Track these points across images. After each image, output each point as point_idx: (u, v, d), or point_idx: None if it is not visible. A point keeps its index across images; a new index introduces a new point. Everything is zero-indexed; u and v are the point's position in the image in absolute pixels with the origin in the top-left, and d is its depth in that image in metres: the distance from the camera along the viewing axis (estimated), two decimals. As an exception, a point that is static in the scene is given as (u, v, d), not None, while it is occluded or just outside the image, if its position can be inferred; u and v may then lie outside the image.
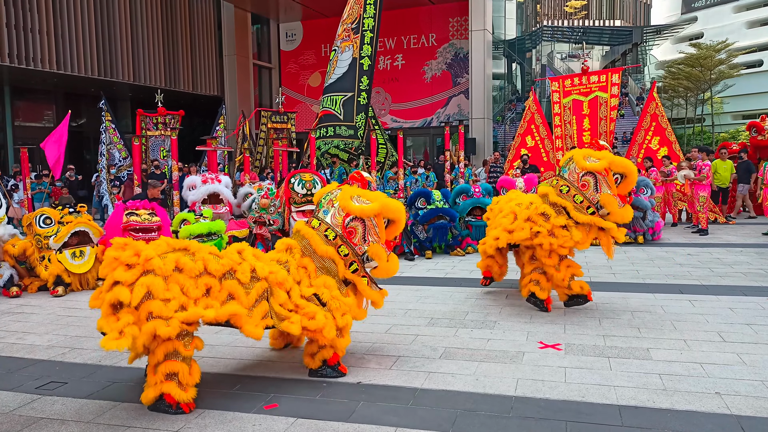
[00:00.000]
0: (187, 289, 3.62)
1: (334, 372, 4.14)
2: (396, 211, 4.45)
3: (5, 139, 19.72)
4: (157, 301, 3.49)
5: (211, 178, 9.72)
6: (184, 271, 3.67)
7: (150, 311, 3.47)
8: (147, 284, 3.51)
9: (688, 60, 39.58)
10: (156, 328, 3.43)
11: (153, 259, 3.62)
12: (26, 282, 7.58)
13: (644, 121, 13.76)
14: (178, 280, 3.62)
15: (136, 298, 3.47)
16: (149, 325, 3.44)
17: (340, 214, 4.29)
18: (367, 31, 12.59)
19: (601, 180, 5.55)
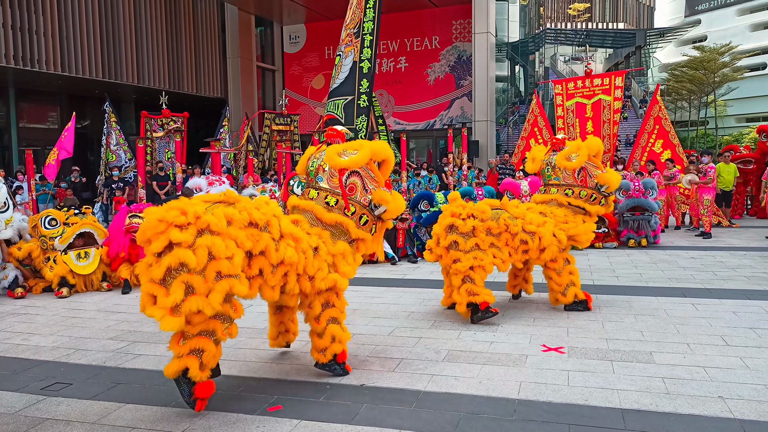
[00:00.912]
0: (241, 241, 3.51)
1: (340, 369, 4.17)
2: (383, 150, 4.38)
3: (10, 140, 19.78)
4: (223, 260, 3.36)
5: (216, 181, 9.76)
6: (233, 223, 3.54)
7: (218, 271, 3.34)
8: (207, 244, 3.33)
9: (691, 63, 39.51)
10: (232, 286, 3.36)
11: (204, 215, 3.42)
12: (31, 283, 7.62)
13: (647, 124, 13.75)
14: (231, 234, 3.48)
15: (201, 260, 3.30)
16: (223, 284, 3.34)
17: (334, 174, 4.21)
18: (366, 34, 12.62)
19: (591, 168, 5.90)
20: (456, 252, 5.44)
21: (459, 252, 5.42)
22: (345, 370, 4.19)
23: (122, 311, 6.46)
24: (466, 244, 5.41)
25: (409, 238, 9.54)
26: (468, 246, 5.40)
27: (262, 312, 6.15)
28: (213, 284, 3.34)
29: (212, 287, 3.34)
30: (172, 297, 3.26)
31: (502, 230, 5.51)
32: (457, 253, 5.43)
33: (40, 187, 13.47)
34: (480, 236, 5.44)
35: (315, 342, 4.16)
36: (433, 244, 5.72)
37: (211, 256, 3.36)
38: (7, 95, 19.69)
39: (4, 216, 7.36)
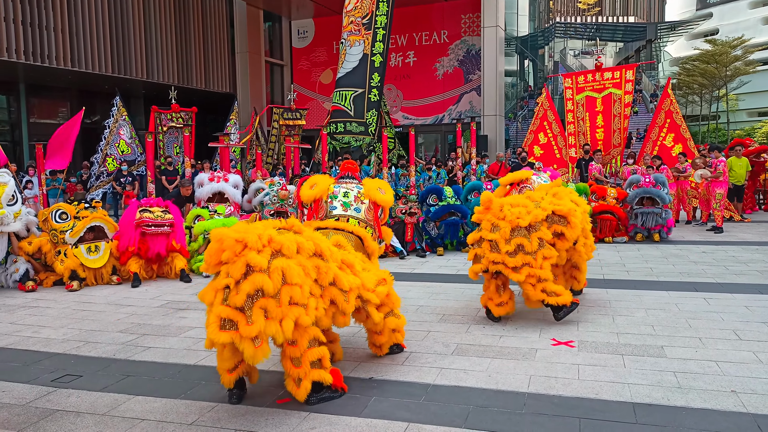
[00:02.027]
0: (308, 270, 3.47)
1: (398, 349, 4.48)
2: (388, 202, 4.91)
3: (20, 135, 19.92)
4: (295, 286, 3.32)
5: (218, 177, 9.76)
6: (301, 251, 3.50)
7: (291, 296, 3.30)
8: (281, 267, 3.30)
9: (703, 56, 39.15)
10: (299, 316, 3.31)
11: (277, 238, 3.40)
12: (42, 276, 7.67)
13: (658, 118, 13.62)
14: (300, 262, 3.45)
15: (276, 284, 3.26)
16: (295, 311, 3.29)
17: (371, 209, 4.70)
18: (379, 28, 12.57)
19: None
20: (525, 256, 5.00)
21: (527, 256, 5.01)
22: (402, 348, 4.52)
23: (132, 304, 6.48)
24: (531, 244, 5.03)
25: (418, 232, 9.51)
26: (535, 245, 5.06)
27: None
28: (287, 310, 3.29)
29: (286, 313, 3.28)
30: (255, 326, 3.19)
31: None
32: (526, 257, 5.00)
33: (50, 182, 13.55)
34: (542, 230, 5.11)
35: (373, 337, 4.35)
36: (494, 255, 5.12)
37: (284, 280, 3.33)
38: (17, 90, 19.82)
39: (12, 209, 7.40)
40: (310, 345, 3.44)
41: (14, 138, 19.99)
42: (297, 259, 3.43)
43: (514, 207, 5.15)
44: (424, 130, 26.16)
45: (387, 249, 9.17)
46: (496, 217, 5.11)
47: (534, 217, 5.07)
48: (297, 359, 3.42)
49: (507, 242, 4.99)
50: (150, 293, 7.06)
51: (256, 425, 3.34)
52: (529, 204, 5.22)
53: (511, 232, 5.01)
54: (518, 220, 5.02)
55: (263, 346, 3.23)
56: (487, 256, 5.07)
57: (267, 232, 3.43)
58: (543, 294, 4.97)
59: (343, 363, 4.30)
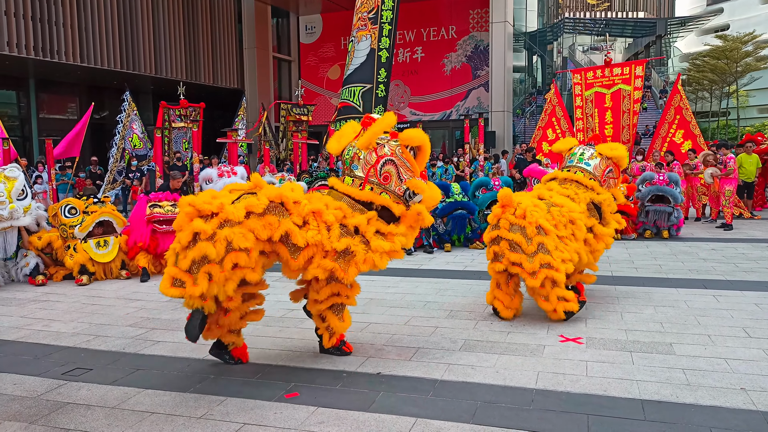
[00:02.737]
0: (258, 231, 3.75)
1: (338, 351, 4.38)
2: (417, 137, 4.28)
3: (30, 131, 20.07)
4: (240, 253, 3.65)
5: (227, 171, 9.77)
6: (253, 212, 3.78)
7: (235, 262, 3.65)
8: (226, 236, 3.62)
9: (713, 52, 38.83)
10: (246, 274, 3.71)
11: (226, 208, 3.71)
12: (51, 270, 7.72)
13: (668, 114, 13.54)
14: (250, 225, 3.73)
15: (219, 252, 3.59)
16: (239, 273, 3.68)
17: (369, 162, 4.20)
18: (385, 23, 12.55)
19: (611, 178, 5.85)
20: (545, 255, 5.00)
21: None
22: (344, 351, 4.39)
23: (141, 299, 6.52)
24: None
25: (425, 228, 9.50)
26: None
27: (279, 300, 6.17)
28: (230, 273, 3.66)
29: (230, 277, 3.67)
30: (199, 288, 3.61)
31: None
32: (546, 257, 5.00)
33: (59, 177, 13.63)
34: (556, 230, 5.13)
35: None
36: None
37: (230, 247, 3.65)
38: (27, 86, 19.96)
39: (22, 203, 7.45)
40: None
41: (24, 133, 20.14)
42: (247, 224, 3.72)
43: (537, 207, 5.12)
44: (431, 126, 26.12)
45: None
46: (517, 216, 5.06)
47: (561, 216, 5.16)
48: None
49: (529, 242, 4.97)
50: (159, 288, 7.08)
51: (264, 419, 3.36)
52: (544, 206, 5.22)
53: (533, 232, 5.00)
54: (540, 220, 5.01)
55: (209, 302, 3.69)
56: (507, 256, 5.04)
57: (218, 201, 3.73)
58: (556, 306, 4.99)
59: (351, 359, 4.31)
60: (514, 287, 5.28)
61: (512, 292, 5.26)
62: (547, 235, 5.01)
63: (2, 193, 7.22)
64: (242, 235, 3.66)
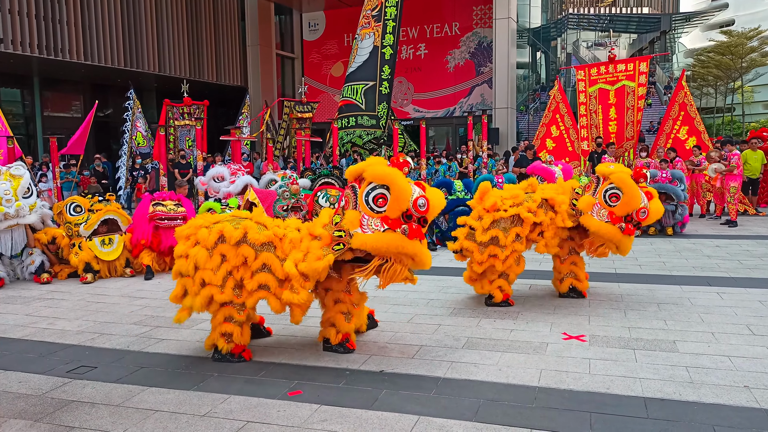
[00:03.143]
0: (229, 257, 4.10)
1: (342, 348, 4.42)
2: (382, 175, 3.94)
3: (35, 129, 20.12)
4: (206, 270, 4.08)
5: (239, 170, 9.79)
6: (229, 239, 4.10)
7: (202, 278, 4.09)
8: (194, 255, 4.10)
9: (718, 48, 38.65)
10: (213, 294, 4.09)
11: (198, 233, 4.18)
12: (56, 269, 7.76)
13: (672, 111, 13.46)
14: (221, 250, 4.10)
15: (189, 268, 4.10)
16: (207, 291, 4.09)
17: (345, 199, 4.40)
18: (389, 20, 12.53)
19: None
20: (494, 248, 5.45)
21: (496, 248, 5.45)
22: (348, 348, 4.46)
23: (145, 297, 6.55)
24: (507, 238, 5.42)
25: (428, 225, 9.50)
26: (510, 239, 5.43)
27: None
28: (198, 288, 4.12)
29: (198, 292, 4.12)
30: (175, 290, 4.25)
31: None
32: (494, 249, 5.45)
33: (64, 175, 13.68)
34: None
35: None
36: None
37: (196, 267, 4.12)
38: (31, 84, 20.01)
39: (28, 201, 7.48)
40: (225, 320, 4.18)
41: (28, 131, 20.19)
42: (220, 248, 4.10)
43: (506, 199, 5.52)
44: (435, 123, 26.09)
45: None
46: (485, 207, 5.53)
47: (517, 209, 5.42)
48: (213, 328, 4.27)
49: (484, 232, 5.44)
50: (163, 286, 7.12)
51: (267, 417, 3.38)
52: (521, 195, 5.56)
53: (491, 224, 5.43)
54: (500, 212, 5.43)
55: (183, 313, 4.23)
56: (459, 241, 5.60)
57: (194, 224, 4.26)
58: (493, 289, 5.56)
59: (354, 357, 4.32)
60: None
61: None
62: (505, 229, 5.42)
63: (8, 190, 7.25)
64: (208, 256, 4.10)
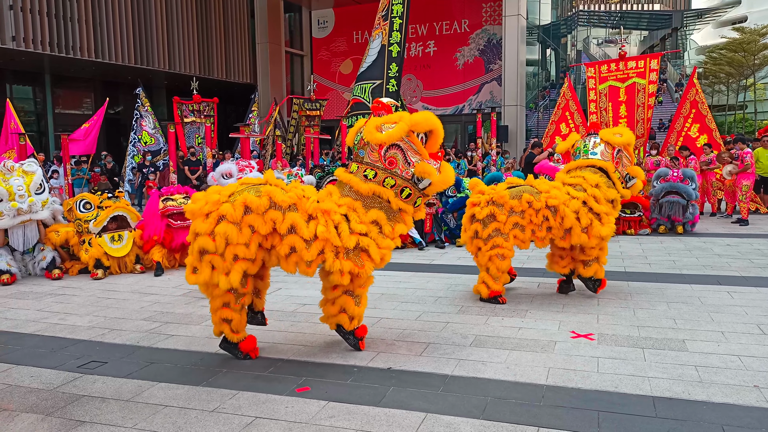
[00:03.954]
0: (258, 227, 3.94)
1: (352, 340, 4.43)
2: (425, 121, 4.29)
3: (46, 126, 20.29)
4: (239, 246, 3.91)
5: (247, 166, 9.83)
6: (254, 209, 3.95)
7: (234, 254, 3.92)
8: (224, 232, 3.89)
9: (730, 45, 38.30)
10: (248, 268, 3.97)
11: (221, 207, 3.95)
12: (67, 265, 7.83)
13: (683, 108, 13.37)
14: (249, 221, 3.94)
15: (219, 245, 3.90)
16: (242, 265, 3.94)
17: (374, 149, 4.22)
18: (396, 17, 12.51)
19: (625, 157, 6.03)
20: (477, 241, 5.71)
21: (479, 240, 5.69)
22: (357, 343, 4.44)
23: (155, 293, 6.60)
24: (484, 232, 5.61)
25: (437, 223, 9.50)
26: (486, 233, 5.61)
27: (290, 295, 6.22)
28: (231, 264, 3.93)
29: (231, 267, 3.94)
30: (202, 275, 4.00)
31: (525, 207, 5.54)
32: (478, 242, 5.70)
33: (75, 172, 13.79)
34: (501, 219, 5.57)
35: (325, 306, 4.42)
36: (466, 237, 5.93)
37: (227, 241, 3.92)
38: (43, 81, 20.17)
39: (40, 198, 7.56)
40: (223, 305, 4.08)
41: (40, 128, 20.36)
42: (247, 219, 3.94)
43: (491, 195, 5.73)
44: (443, 120, 25.57)
45: (406, 240, 9.18)
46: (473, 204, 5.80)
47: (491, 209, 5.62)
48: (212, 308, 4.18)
49: (467, 229, 5.80)
50: (173, 282, 7.17)
51: (275, 413, 3.39)
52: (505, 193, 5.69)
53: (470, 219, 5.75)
54: (478, 209, 5.65)
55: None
56: (462, 237, 5.90)
57: (214, 198, 4.02)
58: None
59: (361, 354, 4.33)
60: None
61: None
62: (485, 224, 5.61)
63: (21, 186, 7.33)
64: (238, 231, 3.91)
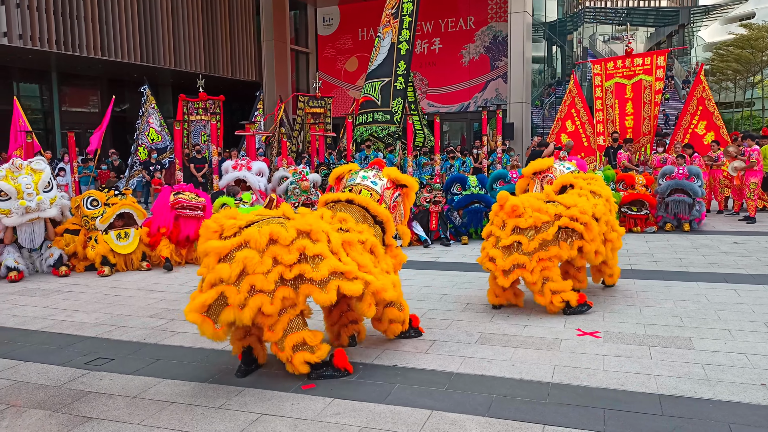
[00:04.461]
0: (283, 258, 3.58)
1: (415, 333, 4.61)
2: (409, 181, 4.74)
3: (53, 123, 20.36)
4: (257, 275, 3.50)
5: (241, 165, 9.83)
6: (279, 240, 3.62)
7: (252, 284, 3.50)
8: (243, 258, 3.50)
9: (738, 41, 38.00)
10: (262, 305, 3.50)
11: (246, 231, 3.61)
12: (74, 262, 7.87)
13: (690, 105, 13.30)
14: (273, 251, 3.58)
15: (234, 273, 3.48)
16: (257, 300, 3.49)
17: (387, 187, 4.55)
18: (405, 15, 12.49)
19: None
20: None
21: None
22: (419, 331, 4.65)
23: (161, 290, 6.62)
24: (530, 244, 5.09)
25: (442, 221, 9.50)
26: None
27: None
28: (246, 297, 3.49)
29: (246, 301, 3.49)
30: (203, 295, 3.52)
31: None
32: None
33: (82, 169, 13.84)
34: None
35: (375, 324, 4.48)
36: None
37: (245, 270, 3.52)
38: (50, 80, 20.24)
39: (48, 195, 7.61)
40: (288, 331, 3.63)
41: (47, 126, 20.44)
42: (271, 250, 3.57)
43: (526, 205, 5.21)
44: (449, 117, 25.99)
45: (411, 237, 9.18)
46: (508, 214, 5.18)
47: (536, 220, 5.08)
48: (279, 343, 3.64)
49: (506, 238, 5.14)
50: (179, 279, 7.19)
51: (281, 410, 3.41)
52: (543, 206, 5.22)
53: (512, 231, 5.12)
54: (519, 220, 5.10)
55: (223, 328, 3.54)
56: (486, 250, 5.22)
57: (238, 223, 3.67)
58: (552, 299, 5.06)
59: (367, 351, 4.34)
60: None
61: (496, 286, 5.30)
62: (530, 235, 5.04)
63: (29, 184, 7.39)
64: (260, 260, 3.54)
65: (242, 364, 3.94)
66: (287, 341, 3.62)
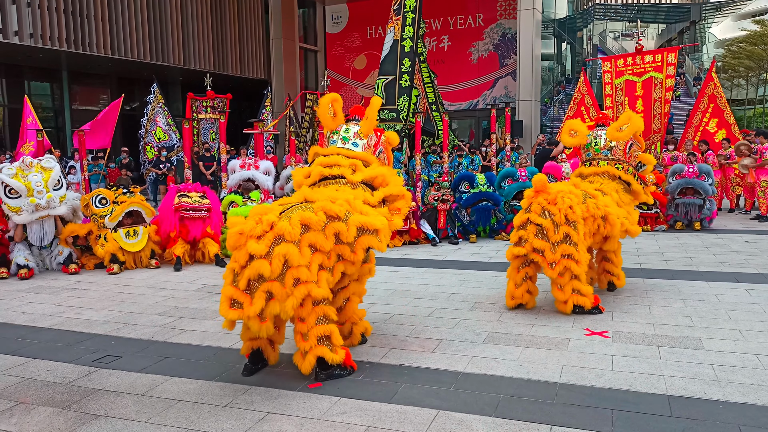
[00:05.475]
0: (322, 245, 3.66)
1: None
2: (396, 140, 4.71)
3: (64, 122, 20.50)
4: (300, 268, 3.53)
5: (249, 164, 9.85)
6: (311, 226, 3.65)
7: (296, 277, 3.53)
8: (283, 253, 3.50)
9: (750, 38, 37.64)
10: (310, 290, 3.56)
11: (278, 225, 3.58)
12: (84, 260, 7.92)
13: (701, 103, 13.18)
14: (309, 239, 3.63)
15: (276, 269, 3.49)
16: (302, 290, 3.53)
17: (370, 144, 4.50)
18: (408, 12, 12.42)
19: (635, 146, 5.87)
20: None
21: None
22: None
23: (170, 288, 6.65)
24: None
25: (450, 219, 9.47)
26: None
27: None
28: (291, 290, 3.53)
29: (292, 293, 3.53)
30: (256, 306, 3.48)
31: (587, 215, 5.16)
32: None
33: (92, 168, 13.92)
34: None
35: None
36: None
37: (287, 264, 3.53)
38: (60, 78, 20.37)
39: (58, 193, 7.65)
40: (318, 322, 3.69)
41: (57, 124, 20.58)
42: (306, 239, 3.61)
43: (569, 195, 5.07)
44: (458, 115, 25.90)
45: (419, 235, 9.16)
46: (549, 202, 5.03)
47: (585, 209, 5.06)
48: (305, 334, 3.69)
49: (556, 231, 4.96)
50: (187, 277, 7.22)
51: (288, 408, 3.41)
52: (580, 194, 5.19)
53: (561, 220, 4.98)
54: (570, 210, 4.96)
55: (267, 323, 3.54)
56: (531, 242, 5.04)
57: (268, 217, 3.62)
58: (569, 298, 5.00)
59: (374, 350, 4.33)
60: (524, 276, 5.22)
61: (519, 281, 5.22)
62: (575, 226, 4.96)
63: (39, 182, 7.44)
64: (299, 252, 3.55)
65: (249, 363, 3.95)
66: (314, 331, 3.67)
